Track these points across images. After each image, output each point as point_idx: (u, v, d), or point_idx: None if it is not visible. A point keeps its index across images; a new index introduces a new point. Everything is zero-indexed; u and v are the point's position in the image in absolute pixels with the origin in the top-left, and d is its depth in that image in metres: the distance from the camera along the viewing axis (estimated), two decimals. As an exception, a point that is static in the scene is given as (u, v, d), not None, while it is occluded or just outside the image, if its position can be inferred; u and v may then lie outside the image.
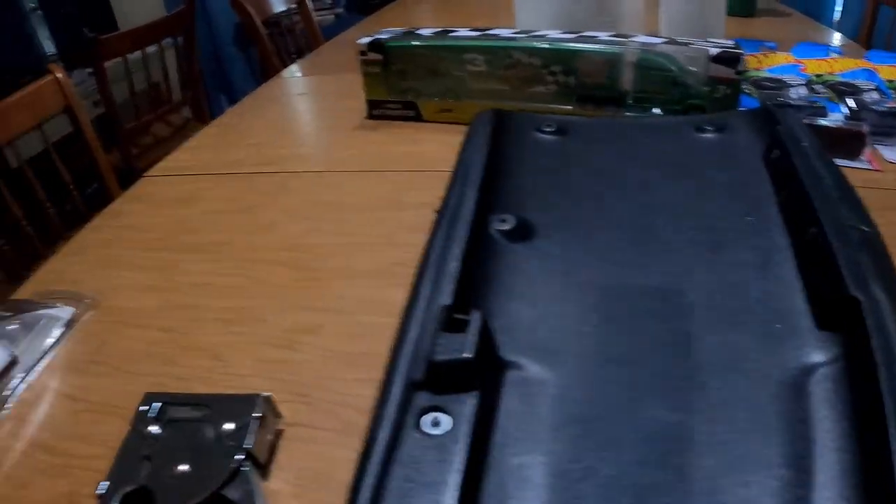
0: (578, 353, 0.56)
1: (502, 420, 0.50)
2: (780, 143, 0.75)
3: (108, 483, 0.55)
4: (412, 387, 0.50)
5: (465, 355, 0.48)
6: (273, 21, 2.93)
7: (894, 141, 1.21)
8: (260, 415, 0.60)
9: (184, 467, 0.56)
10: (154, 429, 0.59)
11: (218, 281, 0.90)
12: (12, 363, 0.76)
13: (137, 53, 2.63)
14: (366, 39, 1.32)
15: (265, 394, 0.63)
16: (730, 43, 1.19)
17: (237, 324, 0.81)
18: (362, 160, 1.24)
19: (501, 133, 0.84)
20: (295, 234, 1.00)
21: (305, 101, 1.69)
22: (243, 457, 0.57)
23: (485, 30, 1.32)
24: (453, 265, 0.58)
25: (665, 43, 1.20)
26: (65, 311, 0.84)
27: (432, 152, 1.20)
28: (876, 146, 1.21)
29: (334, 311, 0.82)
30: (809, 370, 0.52)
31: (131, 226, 1.07)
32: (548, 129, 0.85)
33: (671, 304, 0.60)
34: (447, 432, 0.46)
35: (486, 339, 0.52)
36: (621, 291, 0.62)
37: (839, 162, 1.14)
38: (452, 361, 0.48)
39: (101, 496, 0.54)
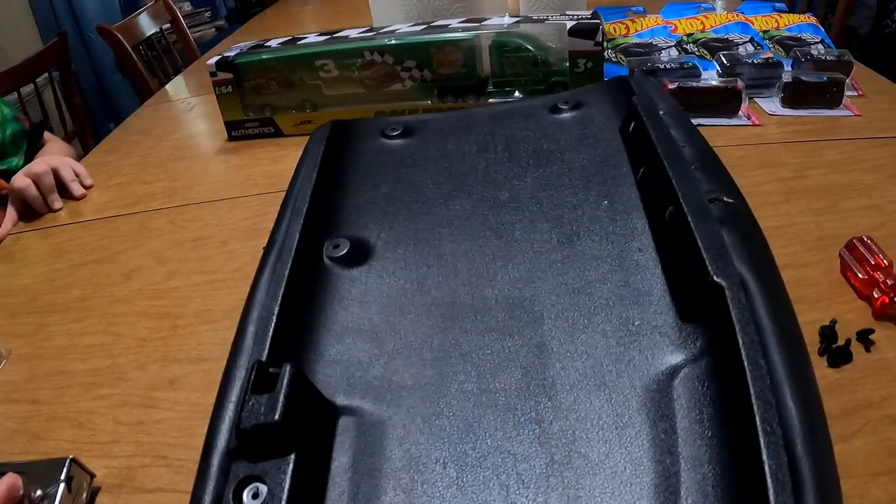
0: (418, 385, 0.51)
1: (335, 474, 0.46)
2: (635, 114, 0.71)
3: None
4: (229, 457, 0.45)
5: (273, 418, 0.43)
6: (148, 43, 2.85)
7: (772, 92, 1.20)
8: (64, 479, 0.59)
9: None
10: None
11: (82, 341, 0.86)
12: None
13: (14, 94, 2.53)
14: (214, 59, 1.27)
15: (70, 456, 0.61)
16: (587, 14, 1.16)
17: (100, 386, 0.78)
18: (222, 188, 1.20)
19: (342, 145, 0.79)
20: (155, 280, 0.96)
21: (171, 128, 1.63)
22: None
23: (333, 33, 1.28)
24: (272, 309, 0.53)
25: (519, 22, 1.16)
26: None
27: (291, 169, 1.13)
28: (754, 99, 1.20)
29: (193, 360, 0.79)
30: (673, 371, 0.48)
31: (-1, 291, 1.02)
32: (393, 133, 0.80)
33: (522, 315, 0.56)
34: (262, 504, 0.41)
35: (303, 393, 0.47)
36: (467, 308, 0.57)
37: (718, 121, 1.13)
38: (261, 426, 0.43)
39: None
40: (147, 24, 2.83)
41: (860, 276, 0.72)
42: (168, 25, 2.98)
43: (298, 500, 0.42)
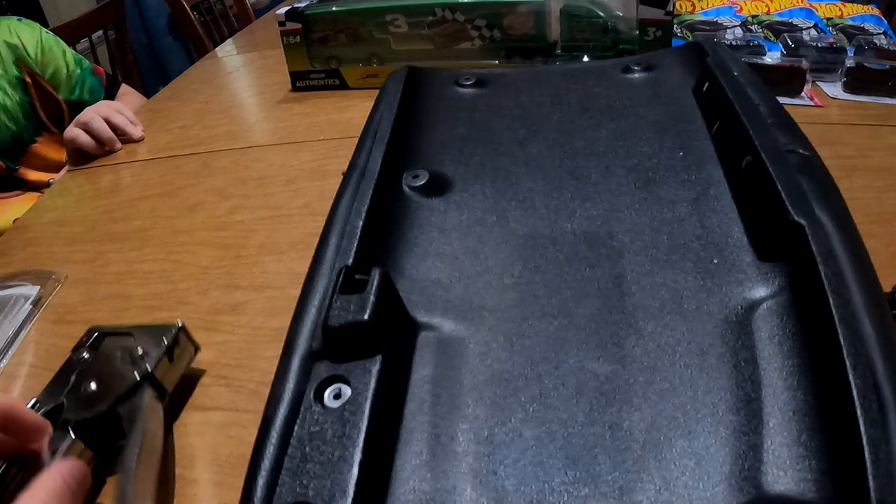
0: (500, 307, 0.52)
1: (415, 385, 0.46)
2: (710, 74, 0.72)
3: (34, 400, 0.59)
4: (311, 357, 0.46)
5: (362, 317, 0.44)
6: (205, 7, 2.87)
7: (835, 77, 1.20)
8: (167, 344, 0.63)
9: (94, 386, 0.59)
10: (86, 355, 0.63)
11: (142, 268, 0.87)
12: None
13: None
14: (284, 9, 1.27)
15: (180, 323, 0.65)
16: (658, -17, 1.15)
17: (159, 309, 0.78)
18: (286, 133, 1.20)
19: (417, 90, 0.79)
20: (219, 214, 0.96)
21: (232, 80, 1.64)
22: (139, 378, 0.59)
23: (405, -12, 1.28)
24: (356, 224, 0.54)
25: (591, -13, 1.16)
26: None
27: (357, 118, 1.13)
28: (816, 82, 1.19)
29: (257, 287, 0.79)
30: (752, 306, 0.49)
31: (57, 221, 1.04)
32: (467, 83, 0.81)
33: (601, 248, 0.56)
34: (346, 404, 0.42)
35: (390, 299, 0.47)
36: (546, 239, 0.58)
37: (781, 100, 1.12)
38: (349, 325, 0.43)
39: None
40: (206, -14, 2.85)
41: (924, 248, 0.72)
42: (225, -11, 3.00)
43: (381, 405, 0.42)
